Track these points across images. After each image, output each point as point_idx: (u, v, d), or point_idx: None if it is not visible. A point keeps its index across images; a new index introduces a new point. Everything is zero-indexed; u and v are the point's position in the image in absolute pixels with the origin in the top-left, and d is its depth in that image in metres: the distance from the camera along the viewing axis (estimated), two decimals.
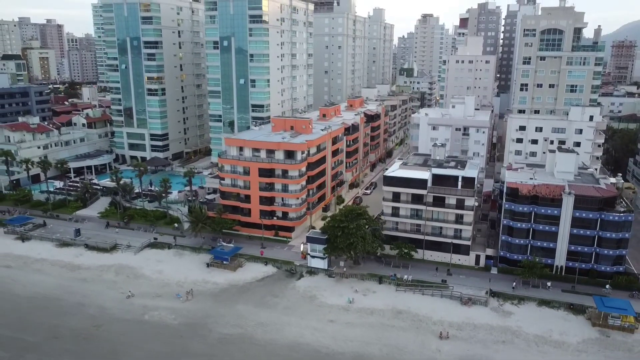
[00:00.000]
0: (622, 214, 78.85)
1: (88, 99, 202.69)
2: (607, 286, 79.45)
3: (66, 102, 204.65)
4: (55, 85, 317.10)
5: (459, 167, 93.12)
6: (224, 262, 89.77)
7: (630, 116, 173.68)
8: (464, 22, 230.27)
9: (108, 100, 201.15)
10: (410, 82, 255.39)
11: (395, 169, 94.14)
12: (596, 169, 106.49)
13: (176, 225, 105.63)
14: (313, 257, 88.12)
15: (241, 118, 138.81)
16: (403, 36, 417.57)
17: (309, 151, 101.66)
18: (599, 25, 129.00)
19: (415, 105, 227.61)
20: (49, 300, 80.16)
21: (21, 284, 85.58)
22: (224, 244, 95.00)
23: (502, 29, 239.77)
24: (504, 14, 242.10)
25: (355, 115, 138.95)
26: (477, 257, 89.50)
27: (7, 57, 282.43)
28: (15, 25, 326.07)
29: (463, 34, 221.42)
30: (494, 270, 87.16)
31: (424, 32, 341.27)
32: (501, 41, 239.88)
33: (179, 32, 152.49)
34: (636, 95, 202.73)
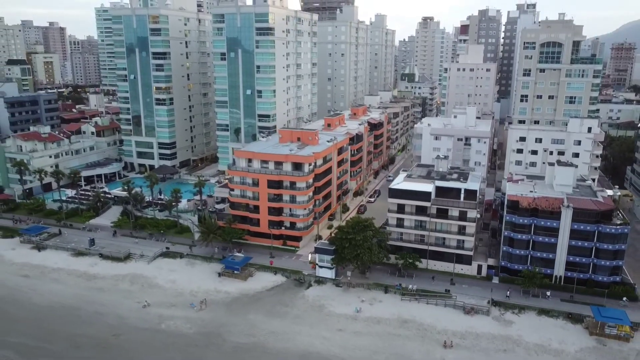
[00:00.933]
0: (618, 227, 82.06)
1: (95, 105, 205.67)
2: (624, 298, 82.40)
3: (74, 110, 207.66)
4: (59, 90, 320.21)
5: (461, 179, 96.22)
6: (235, 271, 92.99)
7: (629, 123, 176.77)
8: (464, 28, 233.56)
9: (114, 107, 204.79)
10: (412, 88, 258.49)
11: (399, 181, 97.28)
12: (594, 180, 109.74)
13: (162, 231, 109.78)
14: (321, 267, 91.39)
15: (248, 127, 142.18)
16: (404, 39, 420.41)
17: (315, 163, 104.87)
18: (597, 38, 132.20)
19: (417, 111, 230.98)
20: (68, 310, 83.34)
21: (40, 293, 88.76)
22: (237, 254, 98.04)
23: (503, 34, 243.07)
24: (504, 20, 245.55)
25: (360, 124, 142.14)
26: (479, 267, 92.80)
27: (12, 62, 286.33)
28: (20, 30, 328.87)
29: (464, 40, 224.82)
30: (495, 280, 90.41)
31: (424, 36, 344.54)
32: (501, 47, 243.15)
33: (186, 42, 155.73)
34: (634, 102, 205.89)
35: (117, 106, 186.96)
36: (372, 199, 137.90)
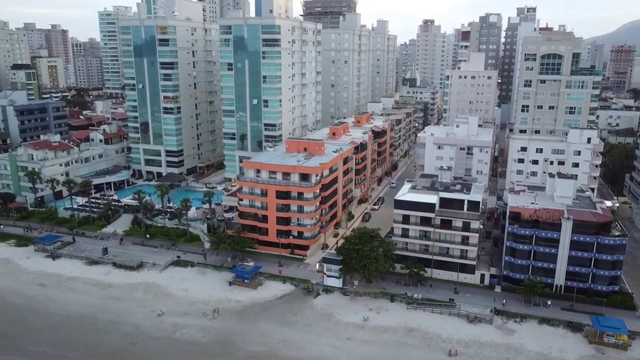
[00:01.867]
0: (617, 238, 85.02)
1: (101, 112, 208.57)
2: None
3: (81, 116, 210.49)
4: (63, 94, 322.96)
5: (464, 190, 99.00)
6: (245, 280, 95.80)
7: (628, 130, 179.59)
8: (465, 35, 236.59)
9: (120, 113, 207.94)
10: (413, 92, 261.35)
11: (404, 193, 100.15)
12: (593, 189, 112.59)
13: (147, 236, 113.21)
14: (329, 276, 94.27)
15: (254, 136, 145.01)
16: (405, 43, 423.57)
17: (322, 173, 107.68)
18: (597, 49, 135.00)
19: (419, 116, 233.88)
20: (85, 319, 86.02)
21: (56, 302, 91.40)
22: (247, 263, 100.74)
23: (503, 40, 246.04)
24: (504, 25, 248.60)
25: (364, 133, 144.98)
26: (482, 276, 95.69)
27: (17, 67, 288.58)
28: (24, 35, 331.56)
29: (465, 46, 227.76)
30: (497, 289, 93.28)
31: (425, 40, 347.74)
32: (502, 53, 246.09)
33: (193, 52, 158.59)
34: (634, 108, 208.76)
35: (123, 112, 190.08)
36: (377, 207, 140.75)
